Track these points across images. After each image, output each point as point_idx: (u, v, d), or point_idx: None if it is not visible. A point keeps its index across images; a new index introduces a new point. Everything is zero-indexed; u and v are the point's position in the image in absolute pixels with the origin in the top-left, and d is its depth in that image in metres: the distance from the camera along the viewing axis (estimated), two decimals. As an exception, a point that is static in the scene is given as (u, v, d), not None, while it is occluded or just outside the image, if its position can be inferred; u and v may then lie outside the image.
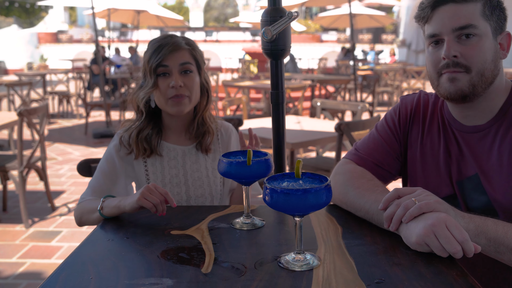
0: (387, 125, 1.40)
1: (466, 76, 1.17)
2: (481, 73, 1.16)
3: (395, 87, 10.20)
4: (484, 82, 1.17)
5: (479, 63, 1.16)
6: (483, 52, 1.16)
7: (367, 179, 1.29)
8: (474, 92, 1.18)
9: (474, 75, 1.16)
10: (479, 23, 1.15)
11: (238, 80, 9.05)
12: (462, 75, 1.17)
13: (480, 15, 1.15)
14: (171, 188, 1.56)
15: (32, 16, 26.76)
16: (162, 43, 1.50)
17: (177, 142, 1.60)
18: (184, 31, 25.27)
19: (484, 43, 1.16)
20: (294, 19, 1.49)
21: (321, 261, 0.98)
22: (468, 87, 1.17)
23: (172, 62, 1.49)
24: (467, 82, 1.17)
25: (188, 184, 1.57)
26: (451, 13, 1.16)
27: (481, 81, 1.17)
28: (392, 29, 24.39)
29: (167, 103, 1.51)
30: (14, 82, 6.74)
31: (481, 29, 1.15)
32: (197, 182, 1.58)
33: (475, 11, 1.15)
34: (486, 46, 1.16)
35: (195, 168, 1.58)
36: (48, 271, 2.95)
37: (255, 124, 3.83)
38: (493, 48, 1.18)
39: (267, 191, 0.93)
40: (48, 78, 10.63)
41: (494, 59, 1.18)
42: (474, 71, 1.16)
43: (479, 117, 1.24)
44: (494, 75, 1.19)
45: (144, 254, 1.05)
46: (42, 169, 3.98)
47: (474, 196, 1.22)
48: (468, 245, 0.95)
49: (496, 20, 1.17)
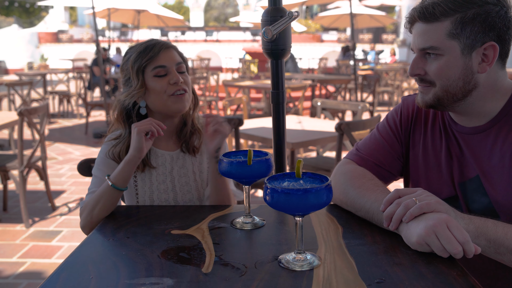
0: (389, 126, 1.40)
1: (432, 89, 1.21)
2: (445, 89, 1.18)
3: (395, 87, 10.20)
4: (451, 98, 1.19)
5: (442, 80, 1.18)
6: (445, 70, 1.17)
7: (367, 178, 1.29)
8: (442, 104, 1.21)
9: (438, 90, 1.19)
10: (442, 44, 1.15)
11: (238, 80, 9.05)
12: (427, 89, 1.22)
13: (446, 35, 1.14)
14: (158, 194, 1.53)
15: (32, 16, 26.77)
16: (148, 44, 1.48)
17: (165, 148, 1.56)
18: (185, 31, 25.28)
19: (448, 61, 1.16)
20: (295, 19, 1.49)
21: (321, 261, 0.98)
22: (433, 100, 1.21)
23: (169, 62, 1.48)
24: (432, 95, 1.21)
25: (176, 190, 1.55)
26: (419, 32, 1.19)
27: (447, 96, 1.19)
28: (393, 29, 24.39)
29: (168, 101, 1.48)
30: (14, 82, 6.74)
31: (445, 49, 1.15)
32: (184, 188, 1.56)
33: (441, 31, 1.14)
34: (450, 65, 1.16)
35: (182, 173, 1.56)
36: (49, 270, 2.95)
37: (255, 124, 3.83)
38: (462, 65, 1.16)
39: (268, 191, 0.93)
40: (49, 78, 10.63)
41: (463, 76, 1.16)
42: (438, 86, 1.19)
43: (474, 120, 1.23)
44: (466, 90, 1.18)
45: (145, 253, 1.05)
46: (43, 169, 3.98)
47: (476, 198, 1.22)
48: (468, 245, 0.95)
49: (468, 36, 1.13)
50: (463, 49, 1.15)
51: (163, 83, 1.47)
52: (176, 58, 1.50)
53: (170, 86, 1.47)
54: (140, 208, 1.40)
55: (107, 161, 1.50)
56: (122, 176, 1.35)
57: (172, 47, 1.52)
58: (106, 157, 1.50)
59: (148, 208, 1.41)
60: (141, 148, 1.35)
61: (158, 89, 1.47)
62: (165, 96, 1.47)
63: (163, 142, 1.57)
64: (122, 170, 1.36)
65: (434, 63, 1.18)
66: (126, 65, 1.51)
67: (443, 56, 1.16)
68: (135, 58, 1.47)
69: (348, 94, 9.39)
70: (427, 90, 1.21)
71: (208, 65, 12.93)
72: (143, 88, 1.47)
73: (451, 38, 1.14)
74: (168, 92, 1.47)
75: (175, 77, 1.47)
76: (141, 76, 1.47)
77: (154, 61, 1.46)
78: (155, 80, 1.47)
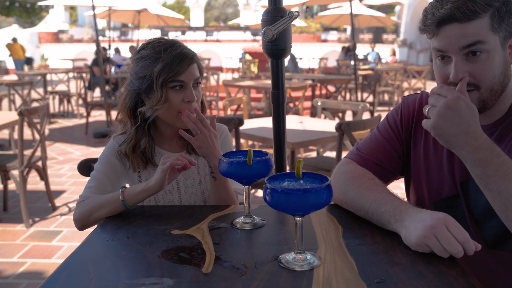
0: (389, 125, 1.40)
1: (476, 93, 1.14)
2: (490, 88, 1.14)
3: (395, 87, 10.20)
4: (494, 95, 1.15)
5: (488, 80, 1.13)
6: (492, 68, 1.12)
7: (367, 178, 1.29)
8: (485, 107, 1.16)
9: (484, 92, 1.14)
10: (487, 38, 1.10)
11: (238, 79, 9.06)
12: (471, 94, 1.14)
13: (489, 30, 1.10)
14: (163, 195, 1.53)
15: (32, 16, 26.78)
16: (176, 54, 1.42)
17: (170, 149, 1.56)
18: (185, 31, 25.29)
19: (493, 58, 1.12)
20: (295, 19, 1.49)
21: (321, 260, 0.98)
22: (478, 103, 1.15)
23: (189, 78, 1.44)
24: (477, 99, 1.15)
25: (181, 191, 1.55)
26: (458, 32, 1.10)
27: (491, 95, 1.15)
28: (393, 29, 24.38)
29: (178, 116, 1.45)
30: (14, 82, 6.74)
31: (490, 44, 1.11)
32: (189, 189, 1.56)
33: (483, 26, 1.10)
34: (495, 61, 1.13)
35: (187, 174, 1.55)
36: (49, 270, 2.95)
37: (255, 124, 3.83)
38: (502, 59, 1.14)
39: (268, 191, 0.93)
40: (49, 78, 10.61)
41: (504, 70, 1.15)
42: (483, 88, 1.14)
43: (488, 118, 1.23)
44: (505, 84, 1.16)
45: (145, 254, 1.05)
46: (43, 169, 3.98)
47: (477, 196, 1.22)
48: (468, 244, 0.95)
49: (505, 28, 1.12)
50: (502, 43, 1.13)
51: (177, 98, 1.44)
52: (195, 73, 1.46)
53: (183, 103, 1.44)
54: (140, 208, 1.40)
55: (110, 158, 1.51)
56: (135, 199, 1.33)
57: (196, 61, 1.48)
58: (110, 155, 1.51)
59: (148, 208, 1.41)
60: (163, 184, 1.30)
61: (171, 103, 1.44)
62: (175, 112, 1.45)
63: (167, 143, 1.57)
64: (137, 194, 1.32)
65: (479, 63, 1.12)
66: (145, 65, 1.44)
67: (487, 53, 1.11)
68: (161, 69, 1.41)
69: (349, 94, 9.39)
70: (470, 94, 1.13)
71: (208, 65, 12.91)
72: (166, 102, 1.43)
73: (494, 33, 1.11)
74: (179, 109, 1.44)
75: (190, 96, 1.44)
76: (165, 89, 1.43)
77: (177, 76, 1.43)
78: (170, 92, 1.44)
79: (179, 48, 1.44)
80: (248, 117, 4.96)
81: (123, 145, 1.51)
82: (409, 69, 10.99)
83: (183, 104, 1.44)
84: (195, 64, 1.47)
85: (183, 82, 1.43)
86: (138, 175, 1.53)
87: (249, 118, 4.32)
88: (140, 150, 1.50)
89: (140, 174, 1.53)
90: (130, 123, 1.52)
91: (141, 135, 1.51)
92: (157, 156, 1.55)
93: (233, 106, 6.53)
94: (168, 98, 1.43)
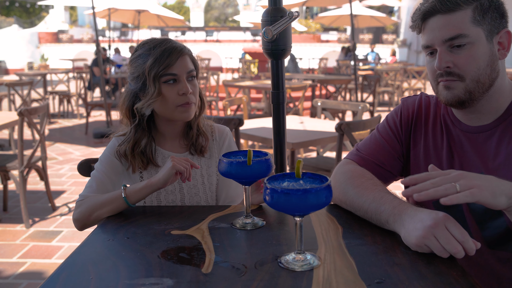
0: (389, 126, 1.41)
1: (461, 84, 1.18)
2: (475, 80, 1.17)
3: (395, 87, 10.20)
4: (481, 87, 1.18)
5: (473, 70, 1.16)
6: (476, 59, 1.16)
7: (366, 178, 1.29)
8: (472, 98, 1.19)
9: (469, 82, 1.17)
10: (469, 31, 1.14)
11: (238, 80, 9.07)
12: (456, 84, 1.18)
13: (471, 22, 1.14)
14: (165, 195, 1.53)
15: (32, 16, 26.79)
16: (165, 48, 1.44)
17: (172, 149, 1.56)
18: (185, 31, 25.29)
19: (477, 49, 1.15)
20: (295, 19, 1.49)
21: (321, 261, 0.98)
22: (464, 94, 1.18)
23: (180, 70, 1.45)
24: (463, 89, 1.18)
25: (184, 192, 1.55)
26: (441, 24, 1.16)
27: (478, 87, 1.18)
28: (393, 29, 24.39)
29: (176, 110, 1.47)
30: (14, 82, 6.74)
31: (473, 36, 1.15)
32: (192, 190, 1.55)
33: (465, 19, 1.14)
34: (479, 52, 1.16)
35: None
36: (49, 271, 2.95)
37: (255, 124, 3.83)
38: (488, 52, 1.17)
39: (268, 191, 0.93)
40: (49, 78, 10.61)
41: (490, 63, 1.17)
42: (469, 79, 1.17)
43: (483, 118, 1.24)
44: (492, 78, 1.19)
45: (145, 254, 1.05)
46: (43, 169, 3.98)
47: None
48: (468, 244, 0.95)
49: (489, 22, 1.16)
50: (487, 36, 1.16)
51: (172, 92, 1.45)
52: (188, 65, 1.48)
53: (179, 96, 1.46)
54: (140, 208, 1.39)
55: (110, 158, 1.51)
56: (137, 195, 1.34)
57: (188, 53, 1.49)
58: (110, 154, 1.52)
59: (148, 208, 1.41)
60: (167, 182, 1.32)
61: (167, 98, 1.46)
62: (172, 106, 1.46)
63: (168, 143, 1.57)
64: (140, 190, 1.34)
65: (462, 54, 1.16)
66: (138, 64, 1.47)
67: (471, 45, 1.15)
68: (152, 64, 1.43)
69: (348, 94, 9.39)
70: (454, 84, 1.18)
71: (208, 65, 12.92)
72: (160, 96, 1.45)
73: (476, 25, 1.15)
74: (176, 103, 1.46)
75: (184, 88, 1.45)
76: (158, 84, 1.44)
77: (168, 68, 1.44)
78: (164, 87, 1.45)
79: (169, 43, 1.47)
80: (248, 117, 4.96)
81: (122, 145, 1.51)
82: (409, 69, 11.00)
83: (179, 98, 1.46)
84: (187, 57, 1.48)
85: (175, 75, 1.45)
86: (140, 175, 1.53)
87: (249, 118, 4.32)
88: (140, 150, 1.50)
89: (142, 175, 1.53)
90: (129, 123, 1.53)
91: (141, 135, 1.52)
92: (159, 157, 1.55)
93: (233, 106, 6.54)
94: (163, 93, 1.45)
